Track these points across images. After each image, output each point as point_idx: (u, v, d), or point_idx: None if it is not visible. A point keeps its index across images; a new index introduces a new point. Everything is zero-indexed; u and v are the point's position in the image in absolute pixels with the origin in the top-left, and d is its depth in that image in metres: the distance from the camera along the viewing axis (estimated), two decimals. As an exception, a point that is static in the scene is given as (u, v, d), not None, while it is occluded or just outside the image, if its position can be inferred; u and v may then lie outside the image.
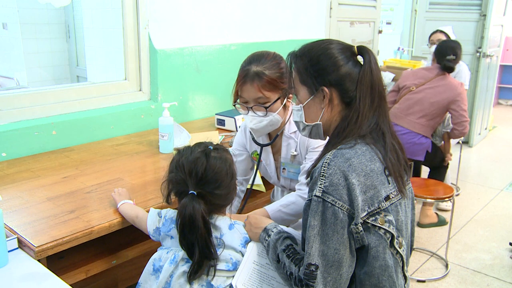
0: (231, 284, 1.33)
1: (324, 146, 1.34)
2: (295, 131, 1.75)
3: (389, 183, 1.23)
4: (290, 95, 1.71)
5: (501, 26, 5.68)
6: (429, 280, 2.81)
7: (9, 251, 1.33)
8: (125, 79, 2.67)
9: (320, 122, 1.31)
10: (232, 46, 3.11)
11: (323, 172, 1.19)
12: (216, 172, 1.33)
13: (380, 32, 4.71)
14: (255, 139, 1.83)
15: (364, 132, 1.25)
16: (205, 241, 1.29)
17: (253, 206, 2.10)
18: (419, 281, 2.80)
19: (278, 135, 1.79)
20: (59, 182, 1.82)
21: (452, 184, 4.05)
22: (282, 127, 1.77)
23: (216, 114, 2.75)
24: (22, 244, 1.37)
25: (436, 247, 3.19)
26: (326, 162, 1.20)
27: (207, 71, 2.98)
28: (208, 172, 1.32)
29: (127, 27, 2.59)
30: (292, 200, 1.70)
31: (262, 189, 2.18)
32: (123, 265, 1.74)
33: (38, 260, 1.33)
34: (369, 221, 1.18)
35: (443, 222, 3.50)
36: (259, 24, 3.31)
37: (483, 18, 5.22)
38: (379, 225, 1.19)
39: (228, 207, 1.44)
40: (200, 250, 1.29)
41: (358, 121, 1.25)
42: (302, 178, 1.70)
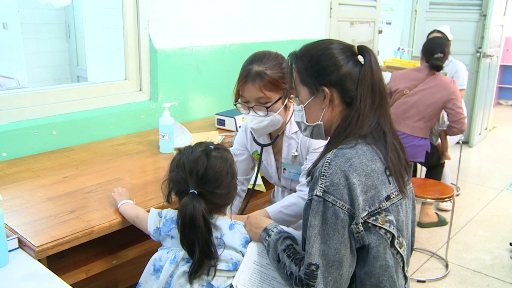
0: (231, 284, 1.33)
1: (324, 146, 1.34)
2: (296, 132, 1.74)
3: (390, 183, 1.23)
4: (291, 95, 1.71)
5: (501, 26, 5.68)
6: (429, 280, 2.80)
7: (9, 251, 1.33)
8: (125, 79, 2.67)
9: (321, 122, 1.31)
10: (232, 46, 3.11)
11: (324, 172, 1.18)
12: (217, 171, 1.33)
13: (380, 32, 4.71)
14: (256, 139, 1.83)
15: (365, 132, 1.24)
16: (206, 240, 1.29)
17: (253, 206, 2.09)
18: (419, 281, 2.80)
19: (279, 135, 1.79)
20: (59, 182, 1.82)
21: (452, 184, 4.05)
22: (283, 127, 1.77)
23: (216, 114, 2.75)
24: (22, 244, 1.37)
25: (436, 247, 3.18)
26: (327, 162, 1.20)
27: (207, 71, 2.98)
28: (208, 171, 1.32)
29: (127, 27, 2.59)
30: (293, 201, 1.69)
31: (263, 189, 2.18)
32: (123, 265, 1.74)
33: (39, 260, 1.33)
34: (369, 221, 1.18)
35: (443, 222, 3.49)
36: (259, 24, 3.31)
37: (483, 18, 5.22)
38: (380, 225, 1.19)
39: (228, 207, 1.44)
40: (201, 249, 1.29)
41: (359, 121, 1.25)
42: (303, 179, 1.70)
